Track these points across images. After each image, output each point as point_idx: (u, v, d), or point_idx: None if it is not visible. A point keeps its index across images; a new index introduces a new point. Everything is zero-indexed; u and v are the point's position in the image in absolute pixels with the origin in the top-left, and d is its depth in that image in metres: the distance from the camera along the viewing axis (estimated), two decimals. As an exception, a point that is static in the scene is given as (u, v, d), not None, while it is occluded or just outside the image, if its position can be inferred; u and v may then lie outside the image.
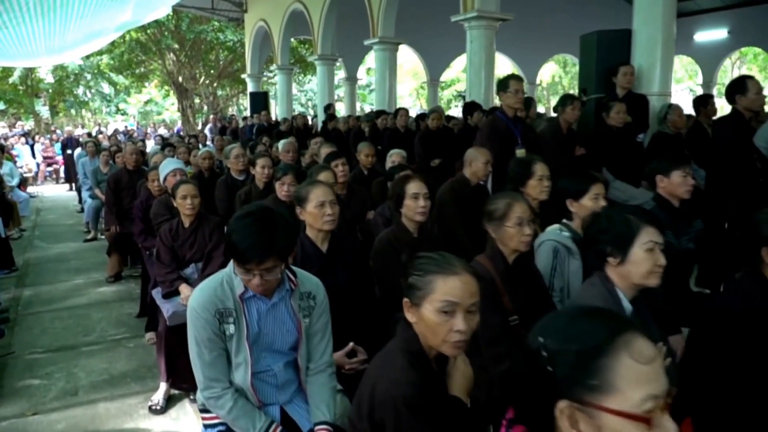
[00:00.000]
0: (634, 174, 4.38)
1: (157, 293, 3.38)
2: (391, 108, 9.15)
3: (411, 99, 30.06)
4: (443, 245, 2.78)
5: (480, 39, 6.80)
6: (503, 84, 4.05)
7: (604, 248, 1.64)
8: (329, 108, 10.45)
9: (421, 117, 8.02)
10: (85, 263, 6.35)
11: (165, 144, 8.60)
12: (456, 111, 22.73)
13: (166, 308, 3.16)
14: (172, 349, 3.13)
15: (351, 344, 2.28)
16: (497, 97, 7.84)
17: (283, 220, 1.70)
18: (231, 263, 1.78)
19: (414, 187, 2.65)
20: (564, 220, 2.43)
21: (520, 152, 4.02)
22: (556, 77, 28.79)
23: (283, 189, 3.58)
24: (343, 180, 3.88)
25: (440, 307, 1.31)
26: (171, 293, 3.25)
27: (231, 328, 1.73)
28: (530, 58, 15.07)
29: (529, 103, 6.03)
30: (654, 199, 2.67)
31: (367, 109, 24.39)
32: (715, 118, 5.29)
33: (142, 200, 4.59)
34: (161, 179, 4.28)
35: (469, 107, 6.67)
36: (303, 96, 26.40)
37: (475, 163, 3.67)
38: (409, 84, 28.87)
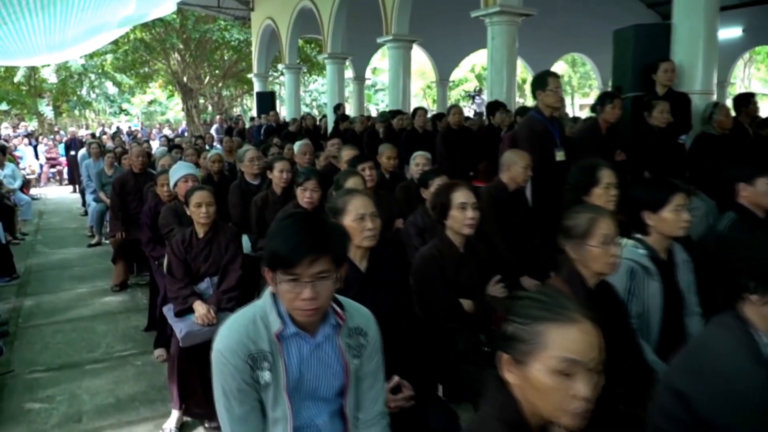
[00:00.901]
0: (677, 178, 4.09)
1: (168, 310, 3.08)
2: (404, 107, 8.83)
3: (417, 99, 29.77)
4: (492, 262, 2.48)
5: (502, 35, 6.47)
6: (541, 81, 3.73)
7: (744, 282, 1.33)
8: (339, 108, 10.11)
9: (438, 117, 7.70)
10: (89, 270, 6.08)
11: (172, 145, 8.30)
12: (465, 111, 22.40)
13: (179, 328, 2.86)
14: (185, 372, 2.85)
15: (396, 378, 1.97)
16: (516, 96, 7.60)
17: (332, 222, 1.52)
18: (265, 295, 1.47)
19: (461, 196, 2.34)
20: (638, 236, 2.11)
21: (559, 155, 3.73)
22: (565, 76, 28.50)
23: (305, 195, 3.28)
24: (371, 185, 3.57)
25: (557, 367, 1.02)
26: (184, 311, 2.95)
27: (266, 376, 1.40)
28: (539, 57, 14.73)
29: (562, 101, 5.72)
30: (734, 209, 2.36)
31: (372, 108, 24.14)
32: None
33: (150, 206, 4.29)
34: (171, 185, 3.97)
35: (492, 106, 6.37)
36: (308, 96, 26.12)
37: (514, 167, 3.37)
38: (415, 84, 28.59)
